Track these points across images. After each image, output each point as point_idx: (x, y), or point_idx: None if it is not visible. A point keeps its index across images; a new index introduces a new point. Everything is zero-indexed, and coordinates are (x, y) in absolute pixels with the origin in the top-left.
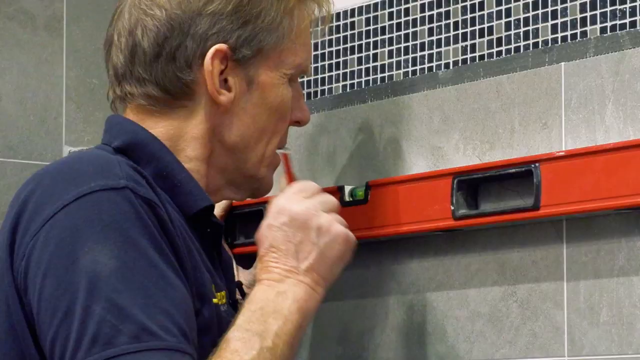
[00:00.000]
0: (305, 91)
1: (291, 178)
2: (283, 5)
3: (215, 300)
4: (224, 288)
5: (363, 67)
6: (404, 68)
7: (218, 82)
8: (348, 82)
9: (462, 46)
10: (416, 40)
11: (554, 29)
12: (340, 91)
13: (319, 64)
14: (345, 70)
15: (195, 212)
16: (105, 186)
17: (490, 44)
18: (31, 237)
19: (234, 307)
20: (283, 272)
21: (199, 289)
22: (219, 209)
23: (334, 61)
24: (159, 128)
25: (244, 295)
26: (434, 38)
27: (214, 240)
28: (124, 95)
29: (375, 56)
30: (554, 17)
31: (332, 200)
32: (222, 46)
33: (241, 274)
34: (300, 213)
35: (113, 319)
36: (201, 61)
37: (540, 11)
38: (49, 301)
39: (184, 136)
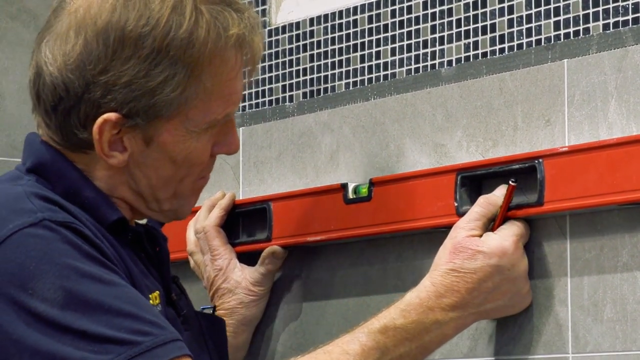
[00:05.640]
0: (308, 89)
1: (504, 211)
2: (188, 74)
3: (150, 302)
4: (157, 288)
5: (366, 64)
6: (406, 66)
7: (107, 148)
8: (351, 80)
9: (464, 43)
10: (419, 37)
11: (557, 25)
12: (343, 89)
13: (322, 62)
14: (348, 68)
15: (109, 224)
16: (23, 224)
17: (492, 41)
18: None
19: (173, 305)
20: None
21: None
22: (218, 209)
23: (336, 59)
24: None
25: (182, 289)
26: (437, 35)
27: (136, 244)
28: (38, 125)
29: (377, 54)
30: (557, 14)
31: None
32: (110, 116)
33: (247, 271)
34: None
35: (87, 345)
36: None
37: (542, 8)
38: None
39: (91, 173)
